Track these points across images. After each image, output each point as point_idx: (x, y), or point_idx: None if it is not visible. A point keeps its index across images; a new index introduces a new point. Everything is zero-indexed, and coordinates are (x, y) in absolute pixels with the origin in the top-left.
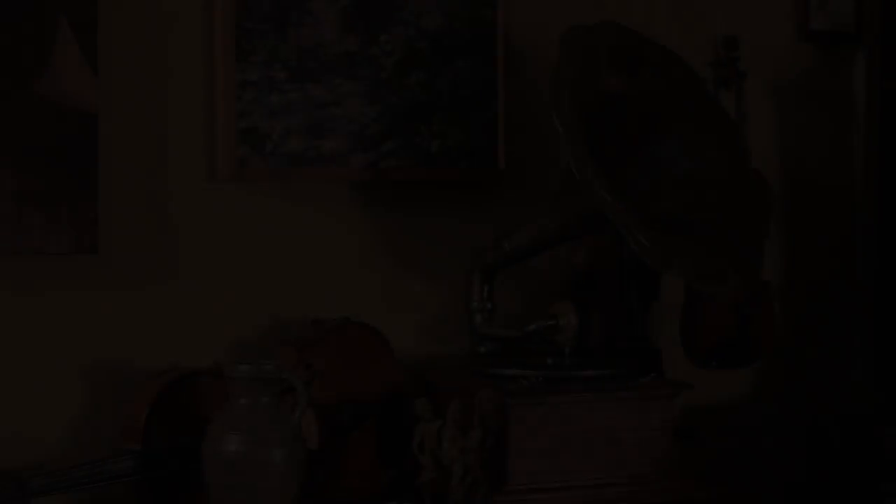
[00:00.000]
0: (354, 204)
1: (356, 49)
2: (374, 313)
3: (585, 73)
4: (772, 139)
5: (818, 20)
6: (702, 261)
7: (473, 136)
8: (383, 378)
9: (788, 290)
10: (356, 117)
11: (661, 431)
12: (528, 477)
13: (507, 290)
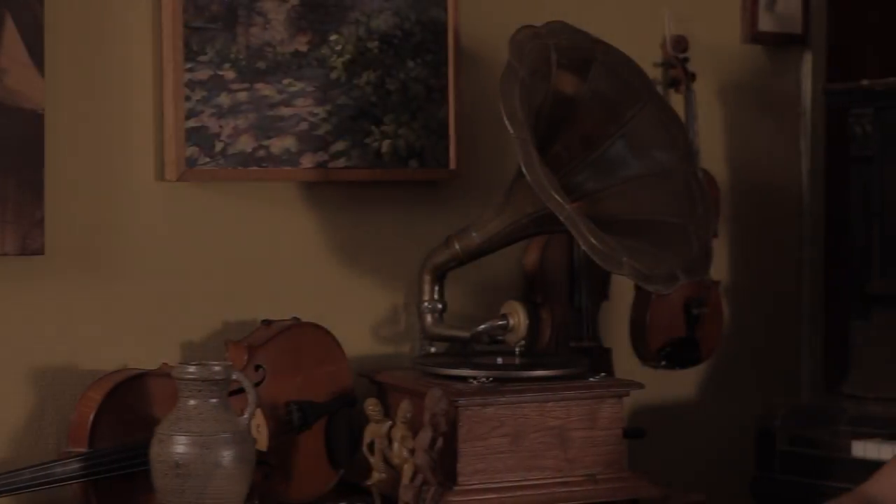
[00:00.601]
0: (304, 204)
1: (306, 49)
2: (324, 314)
3: (536, 74)
4: (720, 140)
5: (766, 22)
6: (651, 261)
7: (424, 137)
8: (333, 378)
9: (737, 289)
10: (306, 117)
11: (612, 430)
12: (478, 477)
13: (457, 290)
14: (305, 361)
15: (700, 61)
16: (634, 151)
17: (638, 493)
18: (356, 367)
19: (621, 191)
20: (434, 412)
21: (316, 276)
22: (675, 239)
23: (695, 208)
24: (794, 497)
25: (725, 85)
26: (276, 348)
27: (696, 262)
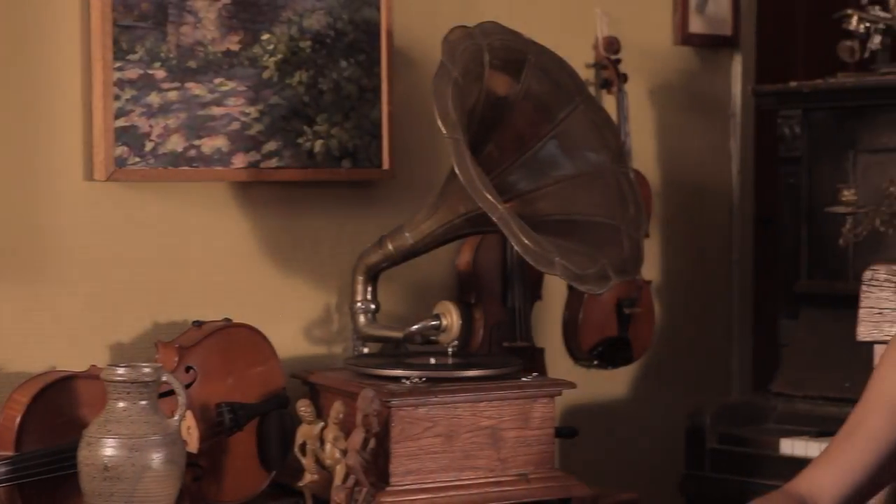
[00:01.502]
0: (236, 205)
1: (238, 48)
2: (256, 315)
3: (469, 74)
4: (652, 140)
5: (697, 24)
6: (583, 261)
7: (357, 137)
8: (265, 379)
9: (668, 288)
10: (238, 117)
11: (544, 430)
12: (410, 477)
13: (391, 290)
14: (237, 363)
15: (632, 62)
16: (567, 152)
17: (570, 493)
18: (288, 369)
19: (554, 191)
20: (366, 413)
21: (248, 277)
22: (606, 239)
23: (626, 208)
24: (723, 494)
25: (657, 86)
26: (207, 349)
27: (627, 261)
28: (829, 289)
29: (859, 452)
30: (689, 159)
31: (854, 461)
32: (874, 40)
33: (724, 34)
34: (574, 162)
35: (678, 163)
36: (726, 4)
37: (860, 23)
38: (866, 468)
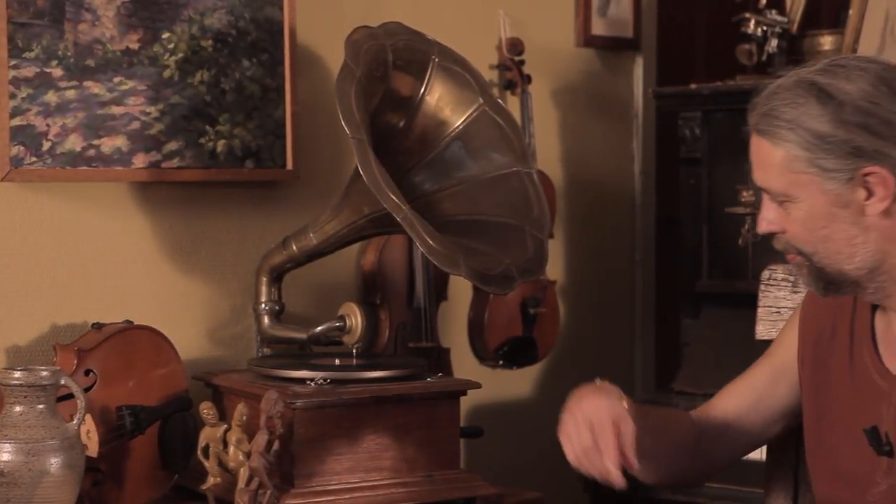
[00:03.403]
0: (137, 205)
1: (137, 47)
2: (158, 317)
3: (372, 75)
4: (555, 141)
5: (599, 26)
6: (488, 261)
7: (260, 137)
8: (167, 382)
9: (572, 289)
10: (138, 116)
11: (449, 430)
12: (315, 479)
13: (295, 291)
14: (138, 365)
15: (535, 64)
16: (471, 153)
17: (475, 492)
18: (191, 371)
19: (458, 192)
20: (270, 415)
21: (149, 279)
22: (511, 239)
23: (530, 209)
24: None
25: (560, 87)
26: (107, 352)
27: (531, 262)
28: (729, 288)
29: (739, 398)
30: (592, 160)
31: (736, 402)
32: (771, 43)
33: (626, 36)
34: (478, 163)
35: (581, 163)
36: (628, 7)
37: (758, 26)
38: (741, 412)
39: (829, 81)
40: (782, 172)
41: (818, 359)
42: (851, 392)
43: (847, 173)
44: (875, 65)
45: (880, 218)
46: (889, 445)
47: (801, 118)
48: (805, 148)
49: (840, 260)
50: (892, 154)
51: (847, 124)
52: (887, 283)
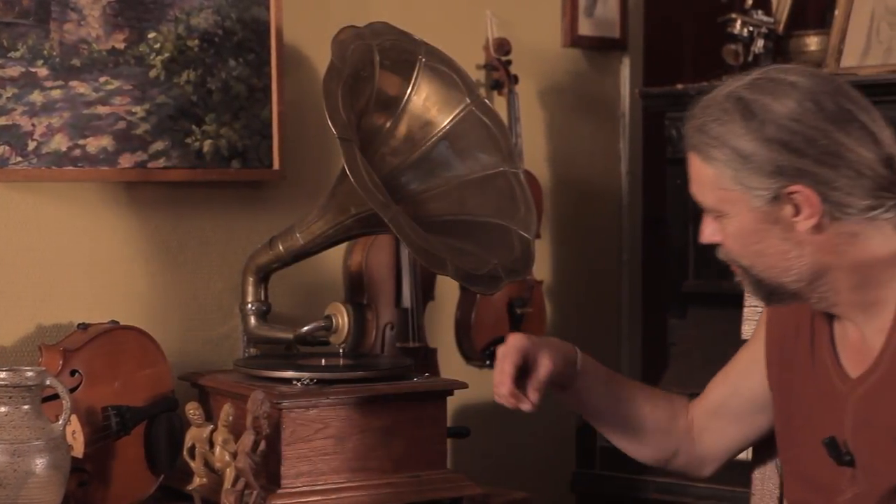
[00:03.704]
0: (123, 205)
1: (123, 47)
2: (144, 317)
3: (359, 75)
4: (542, 141)
5: (586, 27)
6: (474, 262)
7: (247, 137)
8: (153, 382)
9: (559, 288)
10: (124, 116)
11: (436, 430)
12: (302, 480)
13: (282, 291)
14: (124, 366)
15: (522, 64)
16: (458, 153)
17: (462, 492)
18: (177, 371)
19: (445, 192)
20: (256, 415)
21: (135, 279)
22: (498, 239)
23: (517, 209)
24: (613, 492)
25: (547, 87)
26: (92, 352)
27: (518, 262)
28: (715, 288)
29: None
30: (579, 160)
31: (717, 391)
32: (757, 44)
33: (613, 37)
34: (465, 163)
35: (568, 164)
36: (614, 7)
37: (744, 27)
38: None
39: (755, 98)
40: (712, 189)
41: (784, 359)
42: (814, 393)
43: (771, 192)
44: (808, 80)
45: (811, 234)
46: (849, 455)
47: (727, 136)
48: (730, 166)
49: (777, 273)
50: (815, 172)
51: (769, 143)
52: (829, 293)
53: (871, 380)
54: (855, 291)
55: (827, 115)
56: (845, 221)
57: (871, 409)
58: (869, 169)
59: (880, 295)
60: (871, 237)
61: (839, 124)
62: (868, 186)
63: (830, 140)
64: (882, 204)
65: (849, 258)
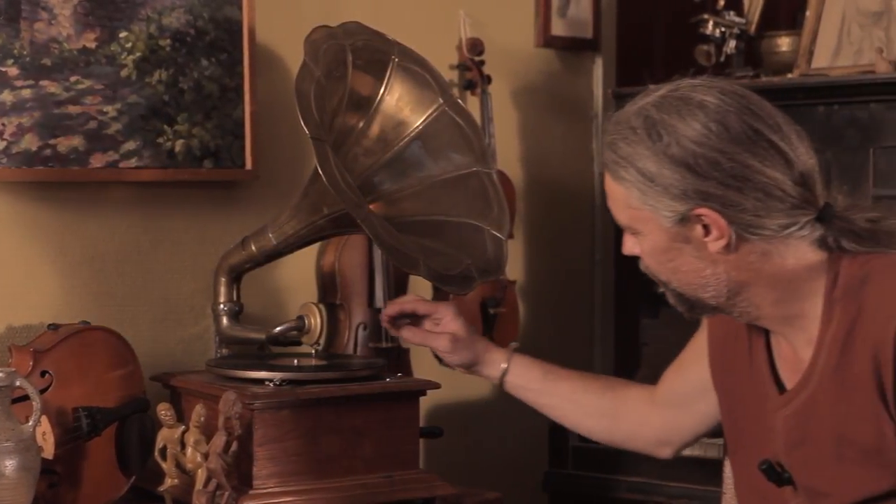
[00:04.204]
0: (94, 205)
1: (94, 46)
2: (115, 317)
3: (332, 74)
4: (515, 142)
5: (558, 27)
6: (447, 262)
7: (219, 137)
8: (125, 383)
9: (532, 289)
10: (95, 116)
11: (408, 430)
12: (274, 480)
13: (254, 291)
14: (95, 366)
15: (495, 64)
16: (431, 153)
17: (434, 492)
18: (149, 372)
19: (418, 192)
20: (228, 416)
21: (107, 279)
22: (470, 239)
23: (490, 209)
24: (585, 491)
25: (520, 87)
26: (63, 353)
27: (491, 262)
28: None
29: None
30: (552, 160)
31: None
32: (729, 44)
33: (586, 37)
34: (438, 163)
35: (541, 164)
36: (587, 8)
37: (716, 27)
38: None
39: (662, 117)
40: (624, 208)
41: (726, 361)
42: (753, 403)
43: (678, 214)
44: (717, 99)
45: (724, 253)
46: (787, 473)
47: (633, 156)
48: (637, 187)
49: (694, 289)
50: (721, 195)
51: (674, 165)
52: (750, 308)
53: (801, 397)
54: (776, 306)
55: (733, 137)
56: (757, 241)
57: (801, 428)
58: (779, 189)
59: (803, 308)
60: (784, 255)
61: (746, 145)
62: (779, 206)
63: (736, 162)
64: (796, 222)
65: (765, 275)
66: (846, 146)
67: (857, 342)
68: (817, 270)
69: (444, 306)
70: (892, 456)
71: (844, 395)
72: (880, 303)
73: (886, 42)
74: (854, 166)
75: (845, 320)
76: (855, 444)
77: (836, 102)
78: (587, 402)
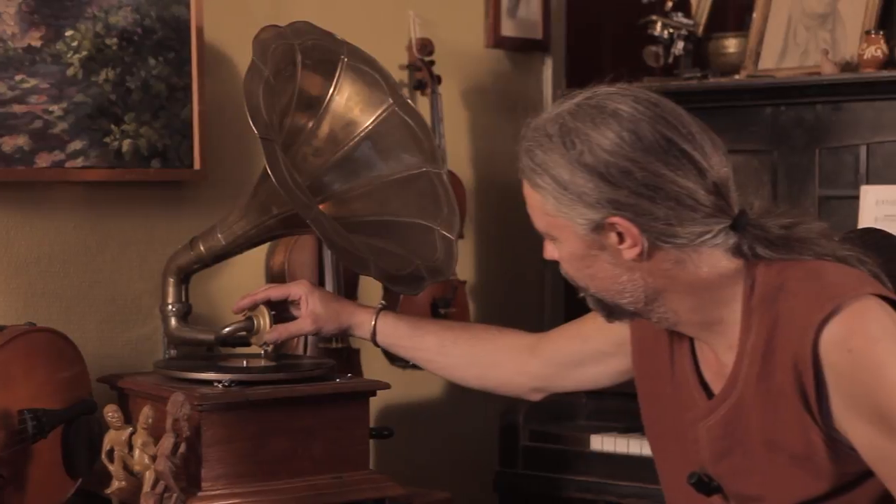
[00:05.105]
0: (40, 206)
1: (40, 44)
2: (62, 319)
3: (281, 74)
4: (465, 142)
5: (508, 27)
6: (397, 262)
7: (167, 136)
8: (71, 385)
9: (482, 288)
10: (40, 115)
11: (358, 431)
12: (222, 482)
13: (203, 292)
14: (41, 368)
15: (445, 64)
16: (380, 153)
17: (384, 493)
18: (96, 373)
19: (368, 192)
20: (176, 417)
21: (53, 280)
22: (420, 240)
23: (440, 209)
24: (535, 491)
25: (470, 88)
26: (8, 355)
27: (441, 262)
28: None
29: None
30: (503, 160)
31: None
32: (677, 46)
33: (535, 38)
34: (388, 163)
35: (492, 164)
36: (537, 8)
37: (664, 28)
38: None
39: (577, 125)
40: (541, 215)
41: (649, 366)
42: (676, 408)
43: (591, 222)
44: (631, 108)
45: (638, 260)
46: (714, 481)
47: (548, 164)
48: (552, 194)
49: (612, 295)
50: (633, 204)
51: (587, 174)
52: (668, 314)
53: (727, 404)
54: (694, 312)
55: (646, 146)
56: (671, 249)
57: (727, 438)
58: (691, 199)
59: (722, 314)
60: (698, 263)
61: (658, 155)
62: (692, 215)
63: (648, 172)
64: (710, 230)
65: (681, 282)
66: (792, 147)
67: (778, 353)
68: (734, 277)
69: (296, 286)
70: (823, 462)
71: (770, 404)
72: (795, 313)
73: (832, 44)
74: (800, 167)
75: (763, 330)
76: (784, 450)
77: (782, 103)
78: (457, 353)
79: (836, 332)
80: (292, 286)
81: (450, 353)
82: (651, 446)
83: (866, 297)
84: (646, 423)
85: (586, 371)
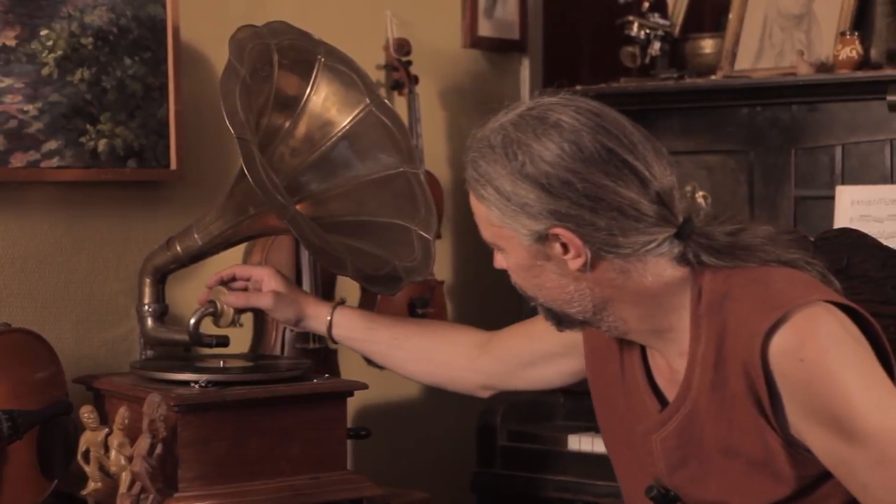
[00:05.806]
0: (15, 206)
1: (14, 44)
2: (37, 319)
3: (257, 74)
4: (443, 142)
5: (485, 28)
6: (374, 262)
7: (143, 136)
8: (47, 386)
9: (459, 288)
10: (15, 115)
11: (336, 431)
12: (199, 483)
13: (179, 292)
14: (16, 369)
15: (422, 65)
16: (358, 153)
17: (362, 493)
18: (72, 374)
19: (345, 192)
20: (153, 418)
21: (28, 280)
22: (398, 240)
23: (417, 209)
24: (513, 491)
25: (447, 88)
26: None
27: (418, 263)
28: None
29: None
30: None
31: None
32: (654, 46)
33: (512, 38)
34: (365, 163)
35: None
36: (514, 9)
37: (641, 29)
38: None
39: (519, 136)
40: (487, 225)
41: (601, 374)
42: (629, 418)
43: (535, 233)
44: (572, 118)
45: (583, 270)
46: (671, 492)
47: (491, 175)
48: (496, 205)
49: (560, 304)
50: (575, 215)
51: (529, 185)
52: (617, 322)
53: (680, 413)
54: (642, 321)
55: (586, 157)
56: (615, 259)
57: (682, 448)
58: (633, 209)
59: (671, 322)
60: (643, 272)
61: (599, 165)
62: (635, 225)
63: (589, 183)
64: (654, 240)
65: (627, 291)
66: (768, 147)
67: (729, 360)
68: (680, 285)
69: (261, 268)
70: (783, 466)
71: (725, 412)
72: (742, 320)
73: (807, 44)
74: (776, 167)
75: (713, 337)
76: (742, 456)
77: (758, 104)
78: (409, 347)
79: (785, 342)
80: (256, 267)
81: (402, 346)
82: (607, 451)
83: (814, 304)
84: (601, 428)
85: (536, 371)
